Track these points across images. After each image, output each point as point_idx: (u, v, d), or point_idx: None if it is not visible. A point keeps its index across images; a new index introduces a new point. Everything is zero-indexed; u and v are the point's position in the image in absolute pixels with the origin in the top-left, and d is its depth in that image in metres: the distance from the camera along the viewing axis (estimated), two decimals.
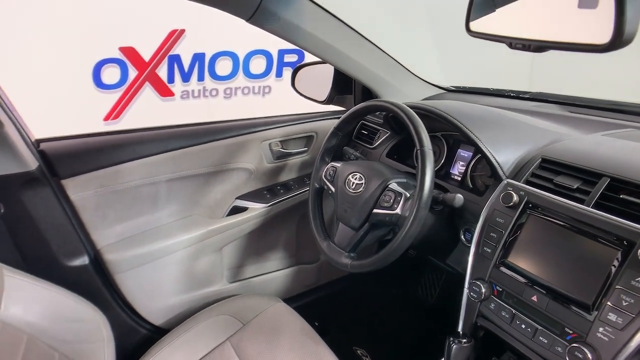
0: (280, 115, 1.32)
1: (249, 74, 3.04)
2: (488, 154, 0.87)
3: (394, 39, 1.43)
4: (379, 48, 1.20)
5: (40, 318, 0.86)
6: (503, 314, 0.77)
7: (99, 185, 1.09)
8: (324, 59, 1.15)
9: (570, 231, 0.71)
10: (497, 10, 0.59)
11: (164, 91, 2.89)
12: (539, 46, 0.53)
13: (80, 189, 1.07)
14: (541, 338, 0.71)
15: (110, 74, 2.69)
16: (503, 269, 0.78)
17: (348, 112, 1.04)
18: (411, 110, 0.88)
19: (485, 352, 0.89)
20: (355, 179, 0.94)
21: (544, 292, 0.71)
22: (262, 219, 1.31)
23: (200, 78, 2.95)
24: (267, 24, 0.96)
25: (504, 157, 0.87)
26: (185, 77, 2.91)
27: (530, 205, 0.78)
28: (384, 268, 0.86)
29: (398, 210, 0.86)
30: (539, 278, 0.72)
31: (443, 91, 1.38)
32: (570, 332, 0.67)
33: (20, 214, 1.01)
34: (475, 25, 0.63)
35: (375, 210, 0.90)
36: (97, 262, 1.13)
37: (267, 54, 3.01)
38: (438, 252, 1.06)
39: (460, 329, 0.86)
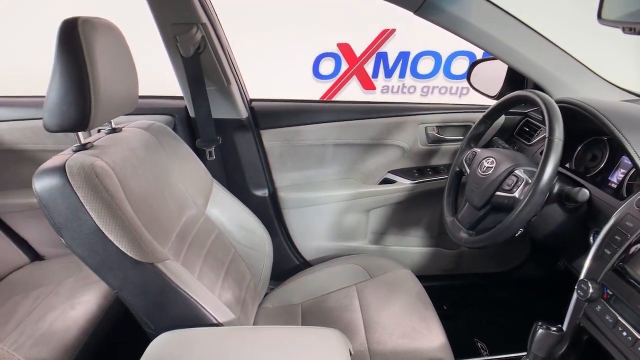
0: (440, 103, 1.40)
1: (449, 74, 3.09)
2: (633, 154, 0.81)
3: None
4: (555, 45, 1.15)
5: (228, 222, 1.18)
6: (607, 318, 0.73)
7: (284, 139, 1.41)
8: (492, 53, 1.17)
9: None
10: None
11: (368, 84, 3.20)
12: None
13: (271, 139, 1.41)
14: None
15: (326, 66, 3.14)
16: (618, 273, 0.73)
17: (497, 101, 1.08)
18: (552, 101, 0.88)
19: None
20: (488, 163, 0.99)
21: None
22: (407, 194, 1.43)
23: (402, 75, 3.14)
24: (432, 16, 1.08)
25: None
26: (388, 73, 3.15)
27: None
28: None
29: (516, 194, 0.88)
30: None
31: (637, 97, 1.22)
32: None
33: (230, 148, 1.40)
34: (606, 14, 0.63)
35: (497, 193, 0.93)
36: (273, 196, 1.47)
37: (471, 56, 3.00)
38: (565, 252, 1.00)
39: (565, 327, 0.84)
